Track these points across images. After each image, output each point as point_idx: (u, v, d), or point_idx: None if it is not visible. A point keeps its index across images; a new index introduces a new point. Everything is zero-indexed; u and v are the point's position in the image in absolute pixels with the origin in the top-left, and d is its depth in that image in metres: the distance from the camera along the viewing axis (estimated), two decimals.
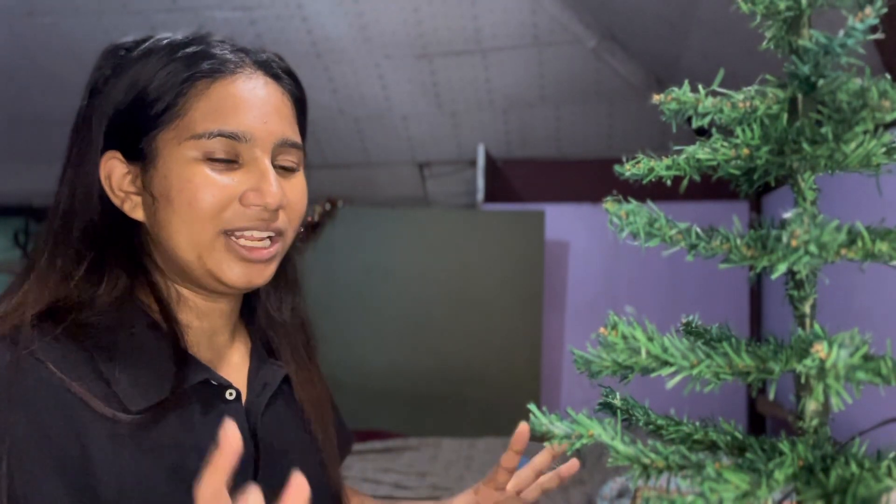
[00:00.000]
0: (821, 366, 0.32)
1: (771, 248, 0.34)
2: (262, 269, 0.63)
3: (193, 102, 0.59)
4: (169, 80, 0.59)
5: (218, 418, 0.61)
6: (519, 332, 3.01)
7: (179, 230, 0.60)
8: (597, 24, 2.98)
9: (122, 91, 0.60)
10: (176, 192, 0.59)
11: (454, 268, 3.07)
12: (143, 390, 0.58)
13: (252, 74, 0.62)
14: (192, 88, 0.59)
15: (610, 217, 0.38)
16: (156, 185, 0.60)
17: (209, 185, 0.59)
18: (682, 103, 0.39)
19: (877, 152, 0.36)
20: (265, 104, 0.61)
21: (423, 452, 2.72)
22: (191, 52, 0.60)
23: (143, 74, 0.60)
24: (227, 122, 0.59)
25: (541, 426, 0.37)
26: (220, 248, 0.60)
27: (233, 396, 0.64)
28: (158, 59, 0.60)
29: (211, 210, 0.59)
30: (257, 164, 0.60)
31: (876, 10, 0.33)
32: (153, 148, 0.60)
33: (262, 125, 0.61)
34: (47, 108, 3.53)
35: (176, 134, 0.59)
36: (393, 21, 2.98)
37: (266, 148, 0.61)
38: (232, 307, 0.68)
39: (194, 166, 0.59)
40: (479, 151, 3.48)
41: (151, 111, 0.59)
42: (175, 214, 0.59)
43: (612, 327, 0.36)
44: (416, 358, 3.02)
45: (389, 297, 3.05)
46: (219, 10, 2.95)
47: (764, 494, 0.32)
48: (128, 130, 0.61)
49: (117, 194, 0.62)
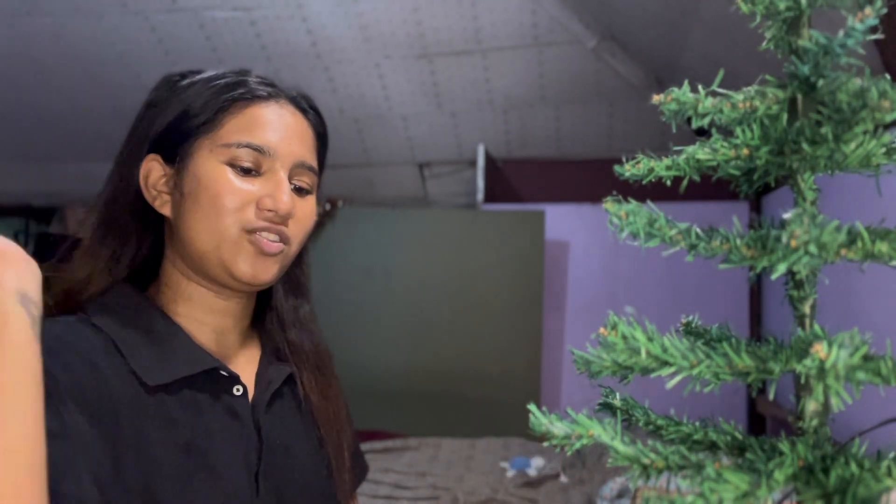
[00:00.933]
0: (821, 366, 0.32)
1: (771, 248, 0.34)
2: (269, 266, 0.68)
3: (229, 118, 0.68)
4: (211, 98, 0.68)
5: (225, 407, 0.67)
6: (519, 332, 3.01)
7: (200, 222, 0.67)
8: (597, 24, 2.98)
9: (172, 110, 0.69)
10: (202, 189, 0.66)
11: (454, 268, 3.07)
12: (161, 367, 0.64)
13: (283, 104, 0.71)
14: (230, 106, 0.68)
15: (610, 217, 0.38)
16: (186, 184, 0.68)
17: (231, 187, 0.66)
18: (682, 103, 0.39)
19: (876, 152, 0.36)
20: (290, 129, 0.70)
21: (423, 452, 2.72)
22: (233, 80, 0.70)
23: (190, 96, 0.69)
24: (254, 137, 0.68)
25: (541, 426, 0.37)
26: (238, 242, 0.67)
27: (240, 392, 0.68)
28: (204, 84, 0.70)
29: (232, 207, 0.66)
30: (275, 175, 0.68)
31: (876, 11, 0.33)
32: (189, 152, 0.68)
33: (284, 145, 0.69)
34: (47, 108, 3.53)
35: (210, 142, 0.68)
36: (393, 21, 2.98)
37: (285, 165, 0.69)
38: (242, 307, 0.74)
39: (221, 170, 0.67)
40: (479, 151, 3.48)
41: (192, 123, 0.68)
42: (199, 209, 0.66)
43: (612, 327, 0.36)
44: (416, 358, 3.03)
45: (389, 297, 3.05)
46: (219, 10, 2.95)
47: (764, 494, 0.32)
48: (170, 138, 0.69)
49: (150, 192, 0.70)
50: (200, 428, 0.64)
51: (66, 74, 3.31)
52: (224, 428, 0.65)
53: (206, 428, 0.64)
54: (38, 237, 4.89)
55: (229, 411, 0.67)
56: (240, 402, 0.68)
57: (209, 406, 0.65)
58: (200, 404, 0.65)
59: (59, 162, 4.06)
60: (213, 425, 0.65)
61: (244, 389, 0.69)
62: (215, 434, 0.64)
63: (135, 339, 0.64)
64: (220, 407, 0.66)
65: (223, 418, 0.66)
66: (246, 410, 0.68)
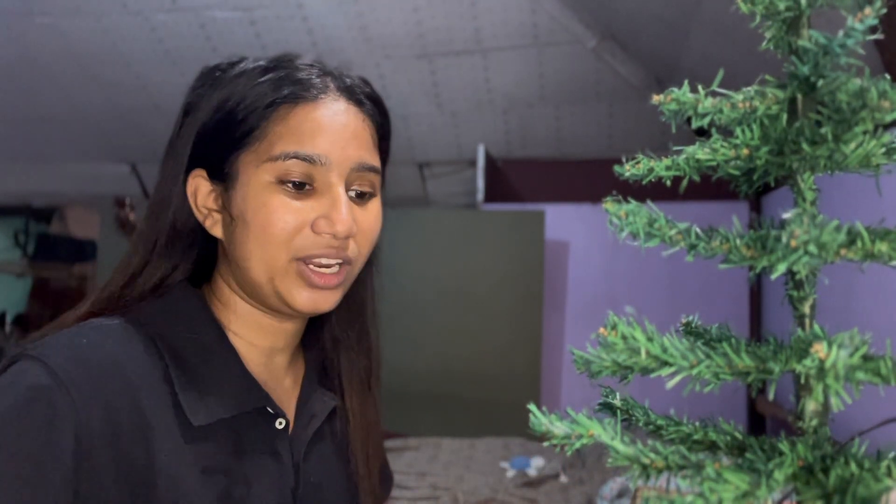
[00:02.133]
0: (820, 366, 0.32)
1: (770, 248, 0.34)
2: (329, 296, 0.63)
3: (273, 126, 0.61)
4: (254, 103, 0.61)
5: (266, 445, 0.63)
6: (519, 332, 3.01)
7: (253, 252, 0.61)
8: (597, 24, 2.98)
9: (211, 110, 0.62)
10: (252, 215, 0.60)
11: (454, 268, 3.07)
12: (207, 406, 0.59)
13: (335, 100, 0.63)
14: (274, 113, 0.61)
15: (610, 217, 0.38)
16: (234, 206, 0.62)
17: (283, 211, 0.60)
18: (682, 104, 0.39)
19: (876, 152, 0.36)
20: (344, 129, 0.62)
21: (423, 452, 2.72)
22: (277, 76, 0.62)
23: (232, 95, 0.62)
24: (303, 145, 0.60)
25: (541, 426, 0.37)
26: (291, 274, 0.61)
27: (282, 426, 0.64)
28: (247, 81, 0.62)
29: (283, 235, 0.60)
30: (330, 190, 0.61)
31: (876, 11, 0.33)
32: (235, 169, 0.62)
33: (339, 150, 0.61)
34: (47, 108, 3.53)
35: (255, 157, 0.61)
36: (393, 21, 2.98)
37: (341, 173, 0.62)
38: (297, 328, 0.69)
39: (270, 190, 0.60)
40: (479, 151, 3.48)
41: (236, 133, 0.61)
42: (250, 236, 0.61)
43: (612, 327, 0.36)
44: (416, 358, 3.02)
45: (389, 296, 3.04)
46: (219, 10, 2.95)
47: (764, 494, 0.32)
48: (214, 150, 0.63)
49: (201, 210, 0.64)
50: (239, 473, 0.60)
51: (66, 74, 3.31)
52: (262, 472, 0.61)
53: (244, 473, 0.60)
54: (38, 237, 4.89)
55: (270, 450, 0.63)
56: (281, 438, 0.64)
57: (250, 445, 0.61)
58: (242, 444, 0.61)
59: (59, 162, 4.06)
60: (252, 470, 0.61)
61: (286, 423, 0.65)
62: (253, 480, 0.61)
63: (187, 364, 0.60)
64: (260, 445, 0.62)
65: (262, 459, 0.62)
66: (286, 448, 0.64)
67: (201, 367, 0.61)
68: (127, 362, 0.57)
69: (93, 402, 0.53)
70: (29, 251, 4.94)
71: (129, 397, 0.56)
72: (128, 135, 3.75)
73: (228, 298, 0.66)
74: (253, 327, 0.66)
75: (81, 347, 0.56)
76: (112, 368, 0.56)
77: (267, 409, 0.63)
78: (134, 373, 0.57)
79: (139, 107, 3.52)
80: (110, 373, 0.55)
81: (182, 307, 0.63)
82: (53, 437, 0.51)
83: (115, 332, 0.59)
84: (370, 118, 0.66)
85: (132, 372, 0.57)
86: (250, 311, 0.66)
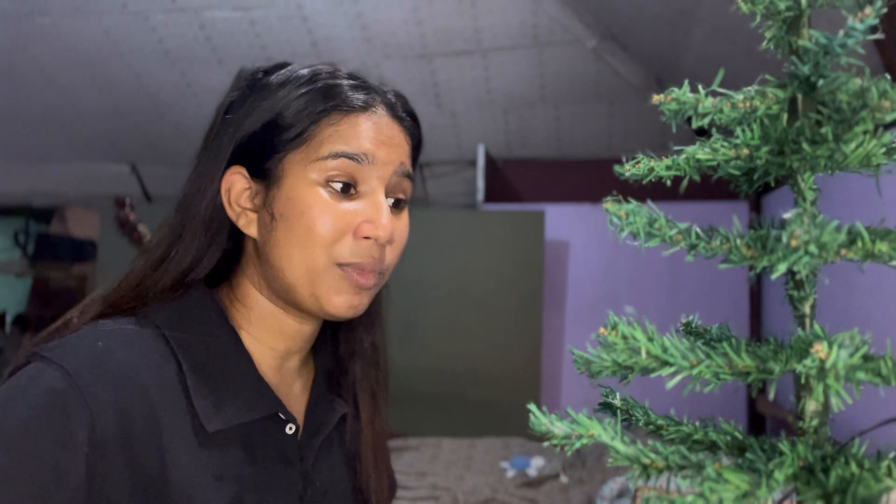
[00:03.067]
0: (821, 366, 0.32)
1: (771, 248, 0.34)
2: (364, 299, 0.64)
3: (323, 130, 0.62)
4: (307, 108, 0.62)
5: (276, 451, 0.63)
6: (519, 332, 3.01)
7: (293, 252, 0.61)
8: (597, 24, 2.98)
9: (260, 115, 0.63)
10: (297, 215, 0.61)
11: (454, 268, 3.07)
12: (221, 412, 0.59)
13: (381, 113, 0.65)
14: (325, 118, 0.62)
15: (610, 217, 0.38)
16: (278, 205, 0.62)
17: (328, 212, 0.61)
18: (682, 103, 0.39)
19: (877, 152, 0.36)
20: (388, 137, 0.64)
21: (423, 452, 2.72)
22: (327, 84, 0.63)
23: (282, 101, 0.63)
24: (349, 145, 0.62)
25: (541, 426, 0.37)
26: (333, 277, 0.62)
27: (292, 431, 0.65)
28: (298, 88, 0.63)
29: (327, 237, 0.61)
30: (373, 196, 0.63)
31: (876, 11, 0.33)
32: (280, 168, 0.62)
33: (383, 153, 0.63)
34: (47, 108, 3.53)
35: (304, 157, 0.62)
36: (393, 21, 2.98)
37: (383, 176, 0.63)
38: (314, 331, 0.69)
39: (316, 191, 0.61)
40: (479, 151, 3.48)
41: (284, 135, 0.62)
42: (293, 236, 0.61)
43: (612, 327, 0.36)
44: (416, 358, 3.02)
45: (389, 296, 3.05)
46: (219, 10, 2.95)
47: (764, 494, 0.32)
48: (257, 150, 0.63)
49: (234, 208, 0.64)
50: (250, 480, 0.60)
51: (66, 74, 3.31)
52: (273, 478, 0.62)
53: (255, 480, 0.60)
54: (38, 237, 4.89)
55: (280, 456, 0.63)
56: (290, 444, 0.64)
57: (262, 451, 0.62)
58: (254, 449, 0.61)
59: (59, 162, 4.06)
60: (263, 476, 0.61)
61: (296, 428, 0.65)
62: (263, 487, 0.61)
63: (202, 369, 0.60)
64: (271, 451, 0.62)
65: (273, 466, 0.62)
66: (295, 454, 0.64)
67: (216, 372, 0.61)
68: (142, 367, 0.57)
69: (107, 407, 0.53)
70: (29, 251, 4.94)
71: (142, 402, 0.56)
72: (128, 135, 3.75)
73: (251, 298, 0.66)
74: (272, 329, 0.66)
75: (97, 351, 0.56)
76: (127, 373, 0.56)
77: (278, 414, 0.64)
78: (148, 378, 0.57)
79: (139, 107, 3.52)
80: (125, 378, 0.55)
81: (197, 310, 0.63)
82: (68, 441, 0.51)
83: (130, 336, 0.59)
84: (408, 132, 0.68)
85: (147, 377, 0.57)
86: (272, 312, 0.66)
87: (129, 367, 0.56)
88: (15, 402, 0.52)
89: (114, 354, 0.56)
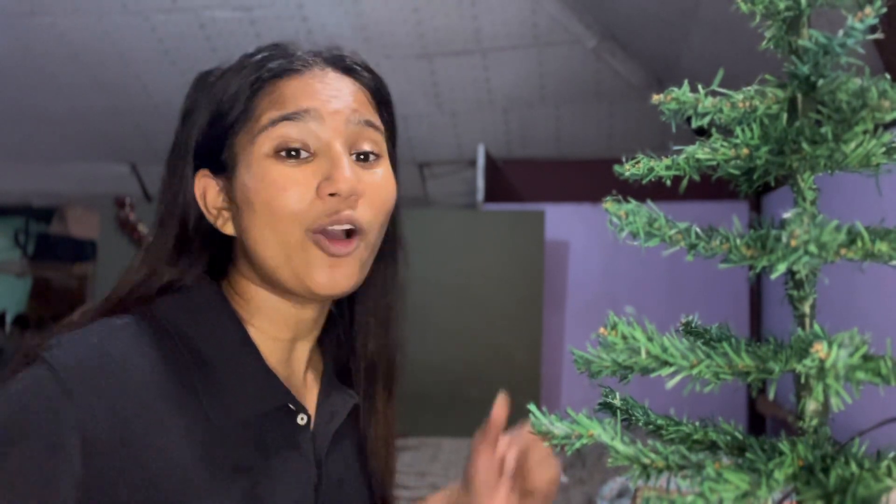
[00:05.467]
0: (820, 366, 0.32)
1: (770, 248, 0.34)
2: (348, 270, 0.60)
3: (260, 102, 0.60)
4: (240, 87, 0.60)
5: (289, 441, 0.62)
6: (519, 332, 3.01)
7: (264, 234, 0.59)
8: (597, 24, 2.98)
9: (204, 111, 0.62)
10: (254, 195, 0.59)
11: (454, 268, 3.07)
12: (229, 405, 0.58)
13: (323, 71, 0.62)
14: (260, 90, 0.60)
15: (610, 217, 0.38)
16: (239, 193, 0.60)
17: (283, 181, 0.58)
18: (682, 103, 0.39)
19: (876, 152, 0.36)
20: (333, 89, 0.61)
21: (423, 452, 2.72)
22: (260, 58, 0.61)
23: (219, 91, 0.61)
24: (286, 107, 0.59)
25: (541, 426, 0.37)
26: (308, 249, 0.59)
27: (304, 421, 0.64)
28: (232, 73, 0.62)
29: (290, 207, 0.58)
30: (329, 151, 0.59)
31: (876, 10, 0.33)
32: (232, 155, 0.61)
33: (326, 104, 0.59)
34: (47, 108, 3.53)
35: (248, 137, 0.60)
36: (393, 21, 2.98)
37: (337, 128, 0.59)
38: (317, 316, 0.67)
39: (268, 164, 0.58)
40: (479, 151, 3.48)
41: (227, 120, 0.61)
42: (258, 218, 0.59)
43: (612, 327, 0.36)
44: (416, 358, 3.01)
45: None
46: (219, 9, 2.95)
47: (764, 494, 0.32)
48: (212, 147, 0.62)
49: (211, 212, 0.63)
50: (263, 472, 0.59)
51: (66, 74, 3.31)
52: (286, 468, 0.61)
53: (269, 472, 0.59)
54: (38, 237, 4.89)
55: (293, 445, 0.62)
56: (303, 434, 0.63)
57: (273, 442, 0.61)
58: (265, 441, 0.60)
59: (59, 162, 4.05)
60: (276, 466, 0.60)
61: (308, 418, 0.64)
62: (277, 477, 0.60)
63: (208, 362, 0.59)
64: (283, 441, 0.61)
65: (286, 455, 0.61)
66: (308, 443, 0.63)
67: (222, 365, 0.59)
68: (139, 362, 0.56)
69: (97, 406, 0.52)
70: (29, 251, 4.94)
71: (138, 399, 0.55)
72: (128, 135, 3.75)
73: (248, 292, 0.64)
74: (274, 318, 0.64)
75: (91, 348, 0.55)
76: (120, 370, 0.55)
77: (289, 405, 0.62)
78: (147, 373, 0.56)
79: (139, 107, 3.51)
80: (118, 375, 0.55)
81: (201, 302, 0.62)
82: (59, 446, 0.51)
83: (128, 330, 0.58)
84: (363, 83, 0.64)
85: (145, 372, 0.56)
86: (270, 302, 0.64)
87: (122, 364, 0.55)
88: (2, 408, 0.52)
89: (108, 351, 0.55)
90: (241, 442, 0.59)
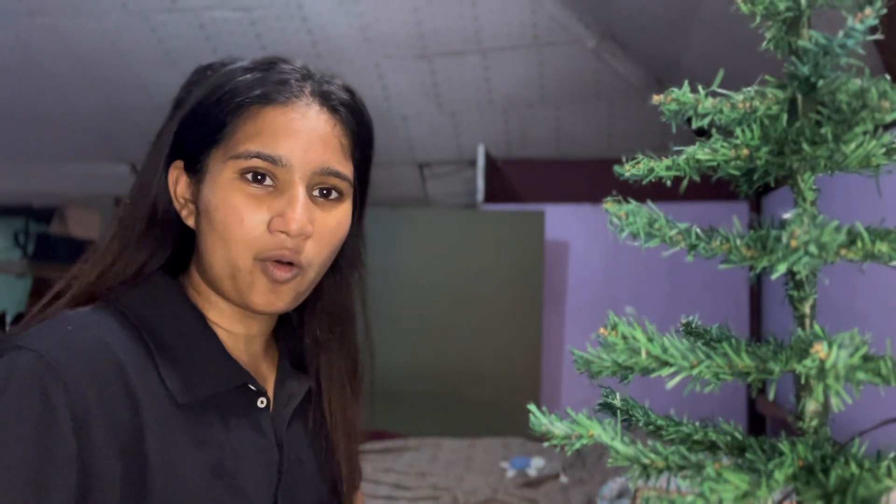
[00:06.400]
0: (821, 366, 0.32)
1: (771, 248, 0.34)
2: (283, 295, 0.64)
3: (241, 125, 0.62)
4: (226, 100, 0.62)
5: (251, 422, 0.65)
6: (519, 332, 3.01)
7: (216, 247, 0.63)
8: (597, 24, 2.98)
9: (192, 105, 0.64)
10: (214, 211, 0.62)
11: (454, 268, 3.07)
12: (191, 385, 0.61)
13: (307, 105, 0.63)
14: (244, 112, 0.62)
15: (610, 217, 0.38)
16: (202, 201, 0.64)
17: (242, 208, 0.61)
18: (682, 104, 0.39)
19: (876, 153, 0.36)
20: (310, 133, 0.63)
21: (423, 452, 2.72)
22: (254, 77, 0.63)
23: (212, 92, 0.63)
24: (266, 146, 0.61)
25: (541, 426, 0.37)
26: (252, 272, 0.62)
27: (263, 404, 0.67)
28: (227, 80, 0.63)
29: (243, 235, 0.61)
30: (290, 189, 0.62)
31: (876, 11, 0.33)
32: (205, 164, 0.64)
33: (301, 153, 0.62)
34: (47, 108, 3.53)
35: (223, 154, 0.62)
36: (393, 21, 2.98)
37: (303, 175, 0.62)
38: (267, 317, 0.71)
39: (232, 186, 0.61)
40: (479, 151, 3.48)
41: (209, 128, 0.63)
42: (213, 231, 0.62)
43: (612, 327, 0.36)
44: (416, 358, 3.02)
45: (389, 297, 3.05)
46: (219, 10, 2.95)
47: (764, 494, 0.32)
48: (191, 144, 0.65)
49: (179, 200, 0.66)
50: (228, 447, 0.62)
51: (66, 74, 3.31)
52: (249, 446, 0.64)
53: (233, 447, 0.62)
54: (38, 237, 4.89)
55: (254, 426, 0.65)
56: (263, 416, 0.66)
57: (236, 421, 0.64)
58: (228, 419, 0.63)
59: (59, 162, 4.05)
60: (240, 443, 0.63)
61: (267, 401, 0.67)
62: (242, 453, 0.63)
63: (169, 347, 0.62)
64: (245, 422, 0.64)
65: (249, 434, 0.64)
66: (268, 424, 0.66)
67: (183, 349, 0.62)
68: (113, 345, 0.58)
69: (84, 382, 0.54)
70: (29, 251, 4.93)
71: (118, 375, 0.57)
72: (128, 135, 3.75)
73: (204, 287, 0.67)
74: (228, 315, 0.68)
75: (67, 333, 0.57)
76: (99, 349, 0.57)
77: (249, 387, 0.65)
78: (121, 356, 0.58)
79: (139, 107, 3.51)
80: (98, 353, 0.57)
81: (160, 294, 0.65)
82: (52, 422, 0.52)
83: (95, 318, 0.60)
84: (344, 125, 0.66)
85: (118, 355, 0.58)
86: (223, 301, 0.67)
87: (99, 343, 0.57)
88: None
89: (84, 334, 0.57)
90: (206, 420, 0.61)
